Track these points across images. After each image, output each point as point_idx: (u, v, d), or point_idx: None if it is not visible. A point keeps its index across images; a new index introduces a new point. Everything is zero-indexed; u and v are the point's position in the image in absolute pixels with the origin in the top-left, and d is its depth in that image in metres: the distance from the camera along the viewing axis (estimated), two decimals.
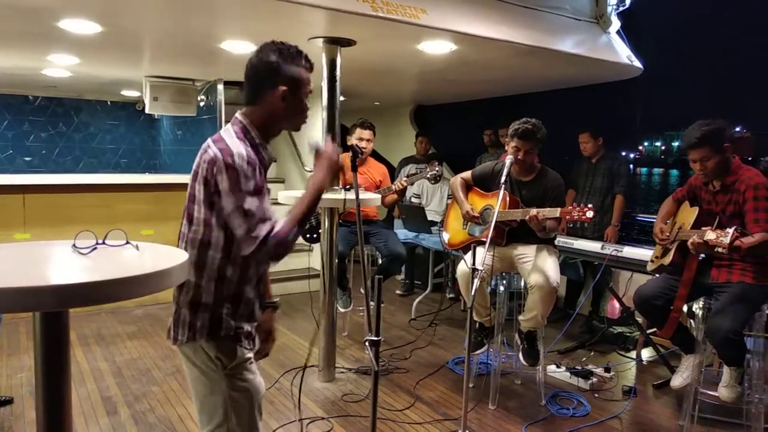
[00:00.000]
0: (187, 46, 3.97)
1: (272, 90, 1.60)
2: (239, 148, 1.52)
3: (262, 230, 1.49)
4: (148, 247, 1.49)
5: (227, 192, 1.49)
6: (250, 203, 1.49)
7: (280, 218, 1.56)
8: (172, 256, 1.33)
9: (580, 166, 4.73)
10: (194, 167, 1.59)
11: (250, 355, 1.68)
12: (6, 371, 3.54)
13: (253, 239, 1.49)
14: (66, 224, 4.61)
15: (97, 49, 4.01)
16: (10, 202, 4.56)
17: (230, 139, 1.56)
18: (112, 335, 4.26)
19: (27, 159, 7.24)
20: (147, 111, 5.48)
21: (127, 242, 1.44)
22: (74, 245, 1.35)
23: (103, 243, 1.40)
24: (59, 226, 4.61)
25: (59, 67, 4.90)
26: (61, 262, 1.27)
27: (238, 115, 1.66)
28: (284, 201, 3.52)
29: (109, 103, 7.65)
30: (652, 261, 3.14)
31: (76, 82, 5.83)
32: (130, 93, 6.94)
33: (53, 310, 1.19)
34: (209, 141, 1.59)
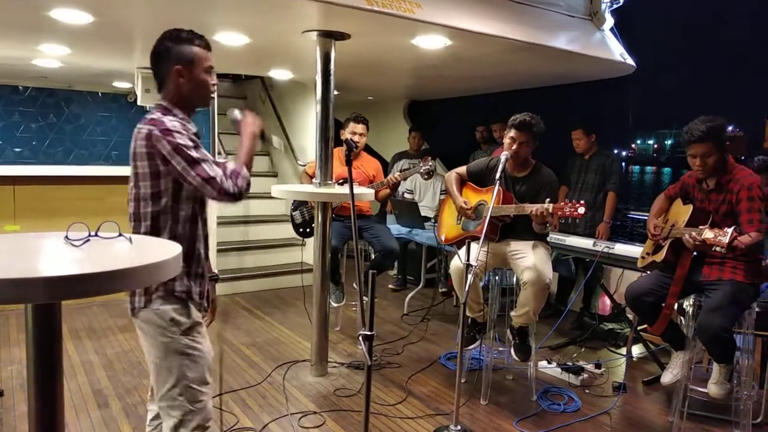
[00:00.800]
0: None
1: (170, 71, 1.80)
2: (168, 118, 1.74)
3: (218, 171, 1.71)
4: (140, 239, 1.48)
5: (172, 153, 1.68)
6: (197, 154, 1.70)
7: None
8: (165, 249, 1.32)
9: (573, 162, 4.74)
10: (131, 151, 1.76)
11: (201, 320, 1.83)
12: None
13: (213, 180, 1.69)
14: (56, 216, 4.57)
15: (89, 40, 3.97)
16: (0, 193, 4.52)
17: (157, 117, 1.75)
18: (103, 328, 4.24)
19: (17, 150, 7.15)
20: (139, 103, 5.42)
21: (120, 234, 1.43)
22: (67, 237, 1.34)
23: (96, 235, 1.39)
24: (50, 218, 4.57)
25: (50, 57, 4.84)
26: (54, 254, 1.26)
27: (157, 101, 1.85)
28: (278, 195, 3.51)
29: (100, 94, 7.56)
30: (642, 257, 3.16)
31: (67, 72, 5.76)
32: (121, 84, 6.87)
33: (45, 302, 1.18)
34: (138, 125, 1.77)
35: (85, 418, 2.87)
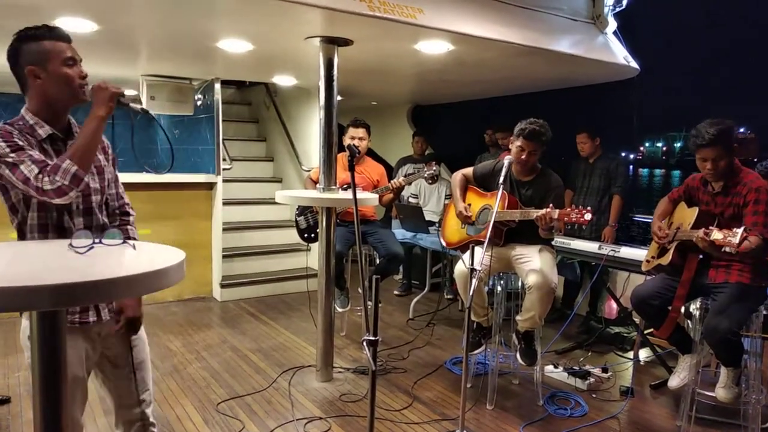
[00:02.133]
0: (184, 45, 3.96)
1: (24, 72, 1.64)
2: None
3: (34, 169, 1.54)
4: (144, 246, 1.48)
5: None
6: (13, 157, 1.55)
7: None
8: (169, 256, 1.32)
9: (577, 166, 4.74)
10: None
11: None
12: (3, 370, 3.53)
13: (28, 180, 1.54)
14: None
15: (94, 48, 4.00)
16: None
17: None
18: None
19: None
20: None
21: (124, 241, 1.43)
22: (71, 244, 1.34)
23: (100, 242, 1.39)
24: None
25: None
26: (58, 262, 1.26)
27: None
28: (282, 200, 3.52)
29: None
30: (647, 261, 3.14)
31: None
32: (126, 92, 6.91)
33: (50, 310, 1.18)
34: None
35: (91, 425, 2.87)
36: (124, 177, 1.91)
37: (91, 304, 1.71)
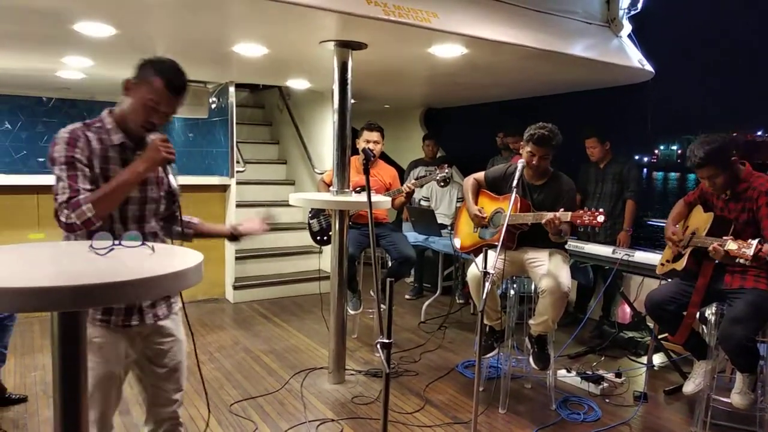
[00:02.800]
0: (200, 49, 4.00)
1: (125, 81, 1.82)
2: (69, 128, 1.73)
3: (65, 195, 1.62)
4: (162, 248, 1.50)
5: (49, 163, 1.68)
6: (60, 170, 1.64)
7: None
8: (187, 258, 1.34)
9: (587, 171, 4.70)
10: None
11: (101, 339, 1.74)
12: (20, 370, 3.58)
13: (56, 201, 1.62)
14: None
15: (111, 51, 4.05)
16: (25, 202, 4.61)
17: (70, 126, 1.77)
18: None
19: (40, 160, 7.31)
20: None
21: (143, 243, 1.45)
22: (91, 246, 1.37)
23: (120, 244, 1.41)
24: None
25: (73, 69, 4.95)
26: (80, 263, 1.29)
27: None
28: (295, 203, 3.54)
29: None
30: (662, 264, 3.12)
31: (90, 83, 5.89)
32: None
33: (71, 310, 1.20)
34: None
35: None
36: None
37: (120, 304, 1.74)
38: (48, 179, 5.23)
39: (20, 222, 4.57)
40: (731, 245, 2.50)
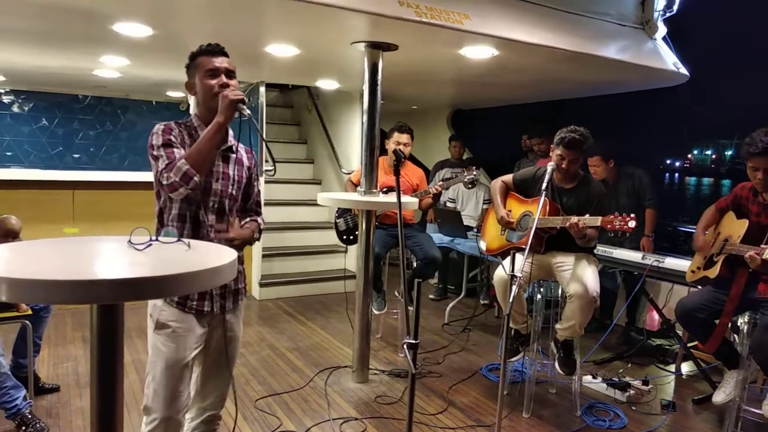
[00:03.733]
0: (232, 49, 4.00)
1: (186, 87, 1.97)
2: (165, 122, 1.87)
3: (162, 165, 1.77)
4: (197, 244, 1.54)
5: (149, 153, 1.83)
6: (158, 151, 1.80)
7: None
8: (221, 254, 1.37)
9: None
10: None
11: (177, 323, 1.84)
12: (53, 360, 3.68)
13: (157, 173, 1.78)
14: (113, 220, 4.77)
15: (147, 51, 4.14)
16: (61, 197, 4.75)
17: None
18: None
19: (76, 156, 7.51)
20: (191, 112, 5.63)
21: (179, 239, 1.49)
22: (130, 241, 1.41)
23: (157, 240, 1.45)
24: (106, 222, 4.77)
25: (110, 68, 5.07)
26: (119, 257, 1.33)
27: None
28: (323, 202, 3.57)
29: (154, 103, 7.87)
30: (692, 272, 3.06)
31: (125, 82, 6.02)
32: (175, 94, 7.13)
33: (111, 303, 1.24)
34: None
35: (136, 415, 2.98)
36: None
37: (157, 298, 1.83)
38: (83, 175, 5.36)
39: (55, 217, 4.71)
40: None
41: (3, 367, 2.66)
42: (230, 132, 1.98)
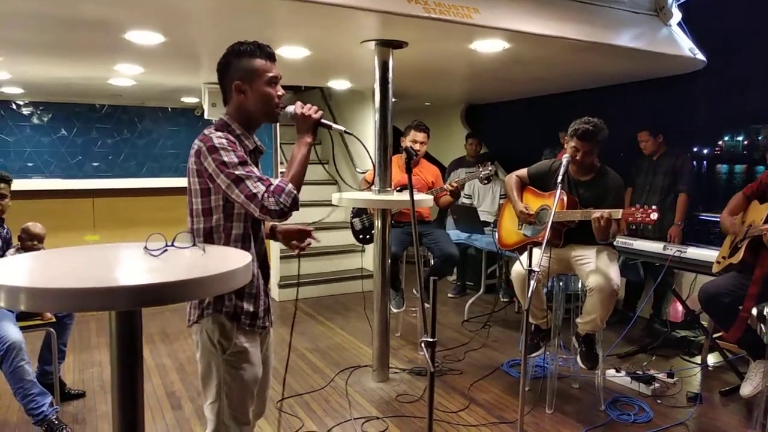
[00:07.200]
0: None
1: (231, 86, 1.75)
2: (217, 135, 1.69)
3: (260, 187, 1.63)
4: (212, 249, 1.55)
5: (217, 171, 1.64)
6: (240, 171, 1.64)
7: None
8: (236, 258, 1.38)
9: (640, 164, 4.58)
10: (187, 167, 1.76)
11: (251, 344, 1.78)
12: (78, 366, 3.74)
13: (255, 198, 1.62)
14: (132, 226, 4.83)
15: (160, 59, 4.19)
16: (81, 205, 4.82)
17: (209, 132, 1.72)
18: (175, 333, 4.43)
19: (95, 164, 7.62)
20: (206, 117, 5.67)
21: (194, 245, 1.50)
22: (146, 247, 1.42)
23: (173, 245, 1.46)
24: (126, 228, 4.83)
25: (125, 76, 5.13)
26: (135, 264, 1.34)
27: (222, 114, 1.82)
28: (337, 203, 3.57)
29: (169, 109, 7.95)
30: (718, 262, 3.01)
31: (140, 90, 6.09)
32: (189, 99, 7.19)
33: (128, 309, 1.25)
34: (195, 140, 1.74)
35: (160, 420, 3.01)
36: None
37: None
38: (103, 183, 5.46)
39: (77, 224, 4.79)
40: None
41: (29, 374, 2.70)
42: None
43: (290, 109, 1.81)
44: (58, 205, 4.73)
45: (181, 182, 5.63)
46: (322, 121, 1.83)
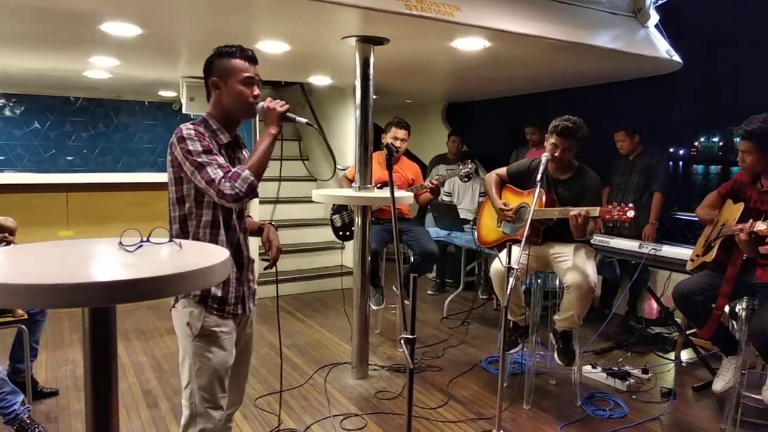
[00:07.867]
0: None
1: (209, 83, 1.88)
2: (188, 126, 1.80)
3: (219, 173, 1.72)
4: (189, 244, 1.52)
5: (183, 158, 1.75)
6: (203, 158, 1.74)
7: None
8: (213, 254, 1.36)
9: (617, 163, 4.64)
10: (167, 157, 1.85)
11: (220, 328, 1.84)
12: (51, 364, 3.66)
13: (212, 182, 1.71)
14: (107, 222, 4.74)
15: (137, 51, 4.11)
16: (54, 200, 4.72)
17: (182, 125, 1.82)
18: (151, 330, 4.37)
19: (69, 158, 7.47)
20: (184, 111, 5.59)
21: (171, 240, 1.48)
22: (120, 243, 1.39)
23: (148, 241, 1.44)
24: (101, 224, 4.74)
25: (100, 68, 5.03)
26: (109, 260, 1.31)
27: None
28: (317, 199, 3.55)
29: (146, 103, 7.83)
30: (692, 260, 3.06)
31: (116, 83, 5.98)
32: (167, 93, 7.09)
33: (102, 306, 1.23)
34: None
35: (135, 418, 2.97)
36: (165, 177, 1.96)
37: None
38: (77, 177, 5.34)
39: (50, 219, 4.68)
40: (761, 225, 2.45)
41: (0, 372, 2.64)
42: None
43: (259, 105, 1.90)
44: (30, 200, 4.62)
45: (157, 177, 5.58)
46: (287, 114, 1.90)
